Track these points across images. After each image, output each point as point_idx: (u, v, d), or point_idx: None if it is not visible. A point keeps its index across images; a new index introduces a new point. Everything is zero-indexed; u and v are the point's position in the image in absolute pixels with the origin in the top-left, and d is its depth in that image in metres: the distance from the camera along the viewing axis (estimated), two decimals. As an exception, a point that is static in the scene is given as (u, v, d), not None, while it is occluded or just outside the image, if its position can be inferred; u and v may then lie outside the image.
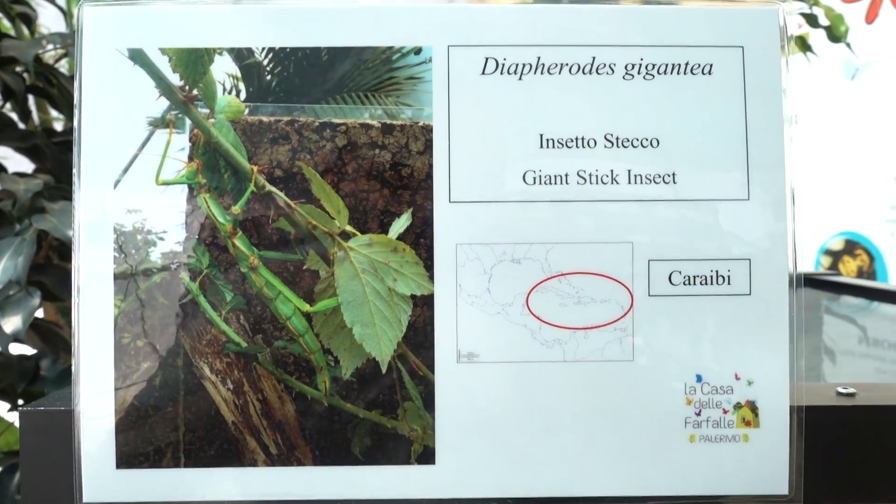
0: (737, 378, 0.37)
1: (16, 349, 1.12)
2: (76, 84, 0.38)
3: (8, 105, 1.21)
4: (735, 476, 0.36)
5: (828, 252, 2.00)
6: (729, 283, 0.37)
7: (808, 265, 2.06)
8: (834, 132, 1.97)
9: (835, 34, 1.15)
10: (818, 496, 0.36)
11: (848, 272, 1.96)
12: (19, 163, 1.19)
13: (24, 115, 1.19)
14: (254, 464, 0.37)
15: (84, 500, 0.38)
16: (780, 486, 0.36)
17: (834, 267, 2.00)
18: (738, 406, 0.36)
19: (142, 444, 0.37)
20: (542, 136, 0.37)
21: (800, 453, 0.36)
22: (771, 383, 0.36)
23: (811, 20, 1.13)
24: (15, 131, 1.17)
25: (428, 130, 0.37)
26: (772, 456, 0.36)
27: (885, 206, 1.86)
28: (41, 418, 0.38)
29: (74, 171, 0.38)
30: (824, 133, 1.99)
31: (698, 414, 0.37)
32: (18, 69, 1.16)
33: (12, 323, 1.07)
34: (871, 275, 1.91)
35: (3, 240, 1.06)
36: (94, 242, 0.37)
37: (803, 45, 1.28)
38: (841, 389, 0.39)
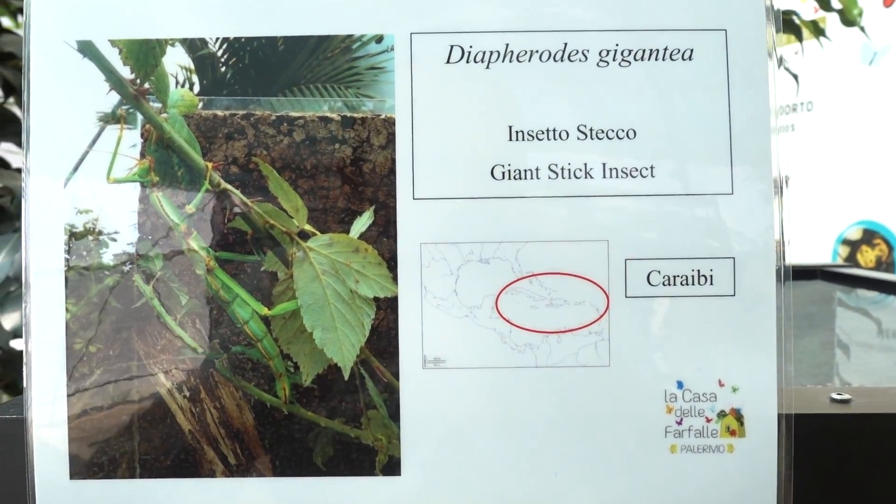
0: (720, 384, 0.34)
1: (19, 345, 1.11)
2: (24, 78, 0.36)
3: (10, 100, 1.20)
4: (719, 489, 0.34)
5: (845, 242, 1.95)
6: (711, 284, 0.34)
7: (825, 255, 2.01)
8: (851, 119, 1.92)
9: (848, 18, 1.12)
10: (808, 511, 0.34)
11: (866, 262, 1.91)
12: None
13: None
14: (212, 475, 0.36)
15: (37, 512, 0.36)
16: (768, 500, 0.34)
17: (852, 257, 1.95)
18: (722, 414, 0.34)
19: (96, 453, 0.36)
20: (511, 128, 0.35)
21: (789, 465, 0.33)
22: (757, 390, 0.34)
23: (823, 3, 1.10)
24: (17, 126, 1.16)
25: (390, 123, 0.35)
26: (759, 468, 0.34)
27: (905, 194, 1.81)
28: (-8, 427, 0.37)
29: (23, 169, 0.36)
30: (841, 120, 1.94)
31: (679, 423, 0.34)
32: (20, 64, 1.15)
33: (12, 319, 1.07)
34: (890, 265, 1.86)
35: (1, 236, 1.05)
36: (44, 244, 0.36)
37: (817, 29, 1.24)
38: (835, 395, 0.36)
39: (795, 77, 1.20)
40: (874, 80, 1.87)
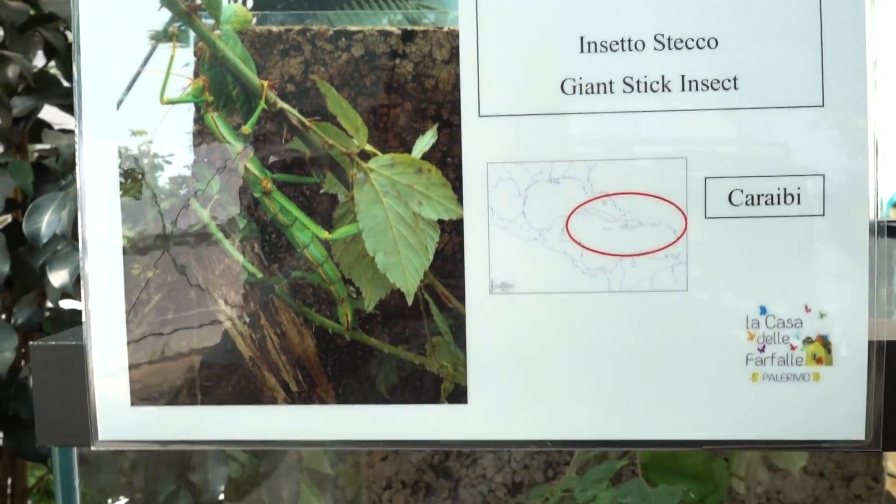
0: (807, 310, 0.32)
1: (67, 304, 1.13)
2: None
3: (52, 63, 1.20)
4: (803, 419, 0.32)
5: (898, 202, 1.88)
6: (799, 203, 0.32)
7: (876, 214, 1.93)
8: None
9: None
10: (901, 442, 0.32)
11: (920, 221, 1.83)
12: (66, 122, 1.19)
13: (69, 73, 1.18)
14: (273, 402, 0.35)
15: (99, 438, 0.36)
16: (856, 431, 0.32)
17: (905, 216, 1.88)
18: (808, 341, 0.32)
19: (156, 380, 0.35)
20: (582, 38, 0.33)
21: (879, 394, 0.31)
22: (847, 316, 0.32)
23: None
24: (59, 89, 1.16)
25: (454, 36, 0.33)
26: (847, 397, 0.32)
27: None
28: (53, 353, 0.36)
29: (75, 91, 0.35)
30: (892, 74, 1.86)
31: (762, 350, 0.32)
32: (60, 27, 1.14)
33: (60, 277, 1.08)
34: (947, 223, 1.78)
35: (47, 195, 1.06)
36: (98, 168, 0.35)
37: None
38: (928, 323, 0.34)
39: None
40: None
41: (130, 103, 0.35)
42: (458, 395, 0.34)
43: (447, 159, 0.34)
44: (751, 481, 0.76)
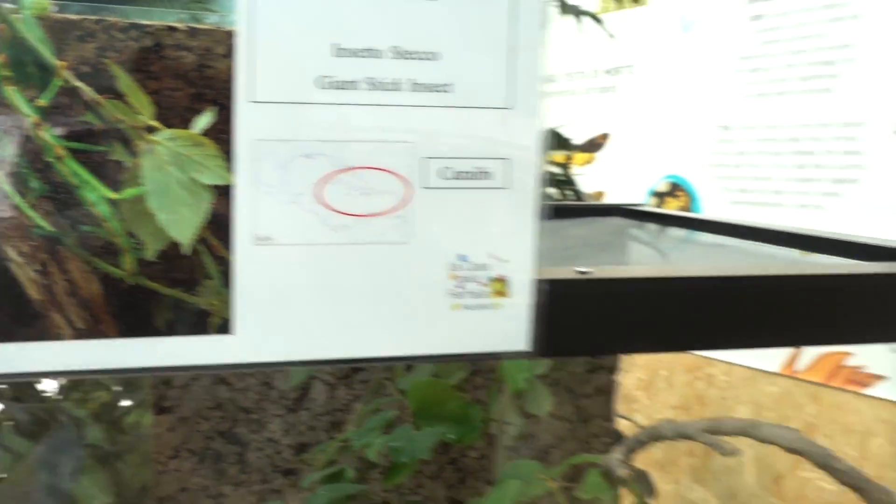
0: (493, 257, 0.44)
1: None
2: None
3: None
4: (488, 337, 0.44)
5: (655, 194, 2.18)
6: (491, 179, 0.43)
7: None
8: (667, 83, 2.13)
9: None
10: (554, 351, 0.45)
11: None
12: None
13: None
14: (60, 338, 0.41)
15: None
16: (523, 344, 0.44)
17: (659, 207, 2.18)
18: (492, 280, 0.44)
19: (-50, 321, 0.40)
20: (335, 45, 0.42)
21: (538, 318, 0.44)
22: (520, 261, 0.44)
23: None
24: None
25: (232, 35, 0.41)
26: (517, 320, 0.44)
27: (708, 151, 2.05)
28: None
29: None
30: (658, 82, 2.15)
31: (460, 287, 0.43)
32: None
33: None
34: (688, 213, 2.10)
35: None
36: None
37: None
38: (580, 269, 0.47)
39: (611, 35, 1.34)
40: (689, 47, 2.09)
41: (-72, 72, 0.39)
42: (225, 327, 0.42)
43: (222, 135, 0.41)
44: (503, 424, 0.90)
